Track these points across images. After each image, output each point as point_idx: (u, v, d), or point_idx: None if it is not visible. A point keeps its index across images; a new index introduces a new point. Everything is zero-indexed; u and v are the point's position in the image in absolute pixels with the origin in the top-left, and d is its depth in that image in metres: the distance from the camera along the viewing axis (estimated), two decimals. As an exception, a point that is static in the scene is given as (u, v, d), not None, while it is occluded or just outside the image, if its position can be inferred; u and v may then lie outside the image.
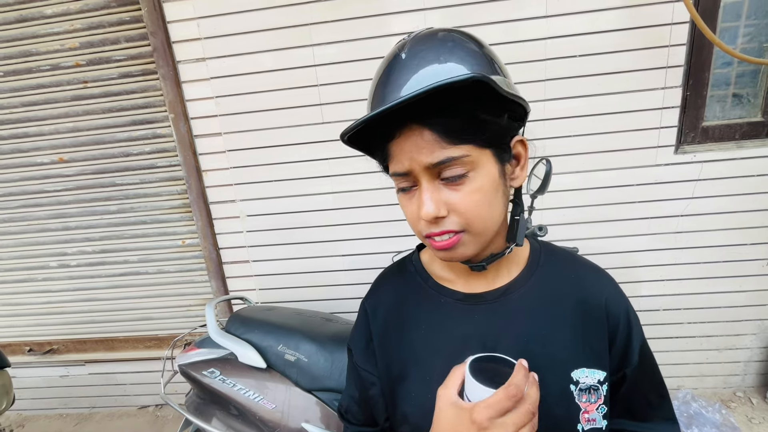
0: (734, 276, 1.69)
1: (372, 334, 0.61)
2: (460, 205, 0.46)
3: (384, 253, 1.76)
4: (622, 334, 0.54)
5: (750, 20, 1.51)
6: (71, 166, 1.84)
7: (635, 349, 0.55)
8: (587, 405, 0.52)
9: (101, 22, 1.65)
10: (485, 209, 0.48)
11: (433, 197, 0.46)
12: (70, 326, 2.10)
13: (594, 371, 0.52)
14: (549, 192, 1.21)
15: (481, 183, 0.47)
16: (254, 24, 1.56)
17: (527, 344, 0.52)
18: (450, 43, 0.46)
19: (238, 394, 1.21)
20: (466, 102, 0.44)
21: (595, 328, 0.54)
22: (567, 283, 0.56)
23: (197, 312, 2.00)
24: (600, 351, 0.53)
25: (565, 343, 0.53)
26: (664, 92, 1.51)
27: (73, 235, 1.93)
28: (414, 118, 0.44)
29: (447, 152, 0.44)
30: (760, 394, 1.83)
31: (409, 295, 0.60)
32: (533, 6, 1.46)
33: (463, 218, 0.47)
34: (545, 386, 0.49)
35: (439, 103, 0.43)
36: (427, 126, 0.44)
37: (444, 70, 0.44)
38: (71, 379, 2.18)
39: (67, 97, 1.75)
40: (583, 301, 0.54)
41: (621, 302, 0.56)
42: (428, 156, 0.44)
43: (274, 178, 1.72)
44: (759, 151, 1.55)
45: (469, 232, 0.48)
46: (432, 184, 0.46)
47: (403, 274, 0.64)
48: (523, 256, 0.59)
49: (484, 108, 0.45)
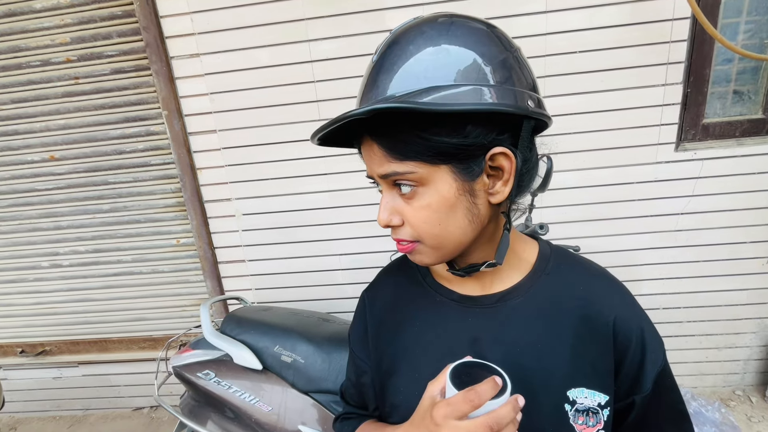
0: (734, 274, 1.69)
1: (368, 325, 0.61)
2: (410, 218, 0.47)
3: (382, 251, 1.74)
4: (634, 358, 0.49)
5: (751, 16, 1.49)
6: (62, 164, 1.80)
7: (649, 375, 0.49)
8: (583, 428, 0.48)
9: (92, 16, 1.61)
10: (434, 227, 0.46)
11: (387, 206, 0.48)
12: (62, 327, 2.07)
13: (594, 393, 0.49)
14: (549, 190, 1.20)
15: (429, 200, 0.45)
16: (249, 19, 1.53)
17: (519, 356, 0.50)
18: (421, 44, 0.43)
19: (234, 396, 1.19)
20: (407, 122, 0.42)
21: (600, 346, 0.49)
22: (574, 295, 0.52)
23: (192, 312, 1.98)
24: (603, 372, 0.49)
25: (563, 359, 0.49)
26: (665, 89, 1.50)
27: (65, 235, 1.90)
28: (368, 131, 0.46)
29: (393, 167, 0.44)
30: (759, 393, 1.83)
31: (407, 290, 0.60)
32: (533, 1, 1.44)
33: (415, 231, 0.47)
34: (536, 402, 0.47)
35: (384, 119, 0.43)
36: (375, 141, 0.45)
37: (409, 77, 0.42)
38: (64, 380, 2.14)
39: (58, 94, 1.71)
40: (588, 316, 0.50)
41: (635, 321, 0.51)
42: (378, 167, 0.46)
43: (270, 176, 1.70)
44: (760, 148, 1.54)
45: (424, 244, 0.48)
46: (390, 192, 0.48)
47: (404, 269, 0.63)
48: (529, 262, 0.55)
49: (430, 126, 0.42)
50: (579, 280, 0.53)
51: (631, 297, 0.54)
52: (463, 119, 0.42)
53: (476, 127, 0.42)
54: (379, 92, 0.44)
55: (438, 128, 0.42)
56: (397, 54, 0.44)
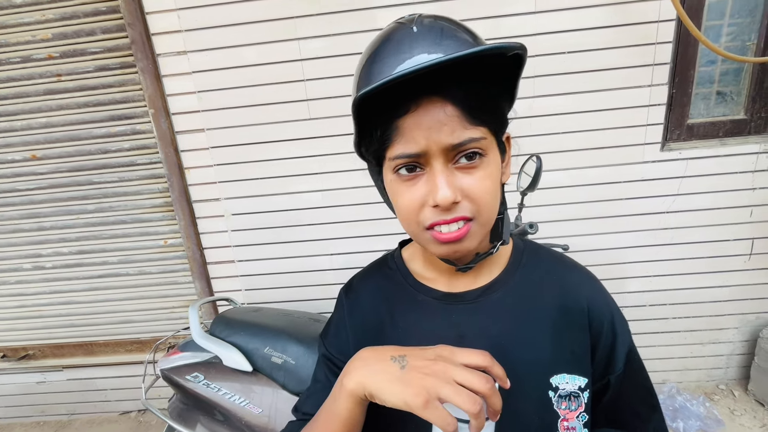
0: (718, 271, 1.73)
1: (348, 329, 0.58)
2: (474, 190, 0.43)
3: (374, 251, 1.74)
4: (606, 340, 0.52)
5: (734, 19, 1.53)
6: (45, 164, 1.75)
7: (620, 355, 0.53)
8: (566, 412, 0.50)
9: (75, 12, 1.57)
10: (493, 197, 0.46)
11: (448, 181, 0.42)
12: (46, 330, 2.02)
13: (575, 377, 0.50)
14: (538, 189, 1.21)
15: (491, 170, 0.45)
16: (237, 16, 1.51)
17: (504, 348, 0.50)
18: (459, 26, 0.45)
19: (223, 398, 1.17)
20: (488, 80, 0.42)
21: (577, 332, 0.52)
22: (549, 285, 0.54)
23: (181, 314, 1.95)
24: (581, 356, 0.51)
25: (544, 347, 0.51)
26: (651, 90, 1.52)
27: (48, 236, 1.85)
28: (433, 90, 0.41)
29: (469, 132, 0.42)
30: (741, 387, 1.87)
31: (388, 293, 0.58)
32: (521, 2, 1.45)
33: (475, 205, 0.44)
34: (522, 392, 0.47)
35: (461, 76, 0.40)
36: (450, 99, 0.41)
37: (465, 45, 0.42)
38: (48, 385, 2.09)
39: (40, 91, 1.67)
40: (564, 304, 0.52)
41: (605, 306, 0.54)
42: (449, 136, 0.41)
43: (259, 175, 1.68)
44: (742, 148, 1.58)
45: (477, 221, 0.45)
46: (444, 168, 0.43)
47: (383, 271, 0.61)
48: (505, 256, 0.57)
49: (502, 90, 0.45)
50: (552, 271, 0.56)
51: (600, 284, 0.57)
52: (514, 87, 0.45)
53: (512, 103, 0.47)
54: (446, 50, 0.41)
55: (502, 94, 0.45)
56: (447, 23, 0.44)
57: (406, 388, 0.39)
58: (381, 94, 0.38)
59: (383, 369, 0.42)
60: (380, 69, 0.43)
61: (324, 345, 0.61)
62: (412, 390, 0.38)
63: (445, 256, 0.49)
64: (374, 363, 0.43)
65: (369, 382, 0.42)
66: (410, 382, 0.39)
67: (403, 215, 0.47)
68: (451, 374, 0.39)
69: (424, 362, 0.41)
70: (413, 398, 0.38)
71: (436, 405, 0.37)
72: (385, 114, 0.43)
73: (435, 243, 0.47)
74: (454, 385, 0.38)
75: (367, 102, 0.39)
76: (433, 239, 0.46)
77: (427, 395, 0.38)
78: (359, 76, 0.47)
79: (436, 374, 0.39)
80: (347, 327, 0.58)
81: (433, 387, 0.38)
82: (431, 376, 0.39)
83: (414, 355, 0.42)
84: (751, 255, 1.70)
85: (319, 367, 0.61)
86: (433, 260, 0.56)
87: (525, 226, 1.15)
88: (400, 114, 0.42)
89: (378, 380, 0.41)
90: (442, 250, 0.47)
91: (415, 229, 0.47)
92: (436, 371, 0.39)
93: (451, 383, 0.38)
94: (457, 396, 0.37)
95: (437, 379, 0.38)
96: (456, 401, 0.37)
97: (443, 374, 0.39)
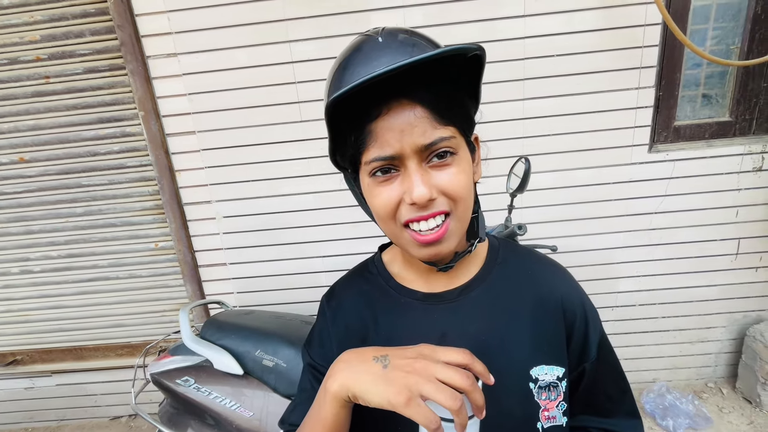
0: (705, 271, 1.75)
1: (331, 335, 0.59)
2: (448, 185, 0.45)
3: (366, 253, 1.73)
4: (579, 329, 0.54)
5: (718, 23, 1.56)
6: (33, 167, 1.73)
7: (593, 343, 0.55)
8: (547, 402, 0.51)
9: (63, 14, 1.56)
10: (467, 192, 0.47)
11: (423, 180, 0.44)
12: (34, 335, 1.99)
13: (553, 368, 0.52)
14: (528, 190, 1.22)
15: (464, 166, 0.47)
16: (228, 19, 1.50)
17: (485, 344, 0.52)
18: (421, 36, 0.47)
19: (214, 402, 1.17)
20: (452, 82, 0.45)
21: (552, 324, 0.54)
22: (524, 280, 0.56)
23: (171, 318, 1.93)
24: (558, 347, 0.53)
25: (523, 340, 0.52)
26: (638, 92, 1.54)
27: (36, 239, 1.83)
28: (402, 94, 0.43)
29: (438, 132, 0.44)
30: (729, 385, 1.90)
31: (370, 297, 0.59)
32: (511, 5, 1.46)
33: (451, 199, 0.46)
34: (504, 386, 0.49)
35: (427, 79, 0.42)
36: (419, 102, 0.43)
37: (428, 50, 0.43)
38: (37, 391, 2.06)
39: (28, 93, 1.65)
40: (539, 298, 0.54)
41: (577, 297, 0.56)
42: (420, 136, 0.43)
43: (251, 177, 1.67)
44: (727, 149, 1.60)
45: (455, 215, 0.47)
46: (418, 168, 0.44)
47: (364, 276, 0.62)
48: (482, 254, 0.58)
49: (466, 91, 0.47)
50: (527, 266, 0.58)
51: (571, 276, 0.59)
52: (477, 88, 0.47)
53: (477, 103, 0.49)
54: (410, 55, 0.41)
55: (467, 94, 0.47)
56: (409, 34, 0.46)
57: (389, 387, 0.39)
58: (352, 100, 0.40)
59: (366, 369, 0.42)
60: (350, 77, 0.44)
61: (308, 354, 0.60)
62: (395, 389, 0.39)
63: (428, 259, 0.50)
64: (357, 364, 0.44)
65: (352, 383, 0.42)
66: (393, 381, 0.40)
67: (380, 215, 0.48)
68: (432, 372, 0.39)
69: (406, 361, 0.41)
70: (395, 396, 0.38)
71: (418, 402, 0.38)
72: (357, 119, 0.44)
73: (416, 246, 0.48)
74: (435, 382, 0.38)
75: (339, 108, 0.41)
76: (412, 240, 0.47)
77: (409, 393, 0.38)
78: (330, 85, 0.48)
79: (418, 372, 0.39)
80: (331, 335, 0.59)
81: (415, 385, 0.38)
82: (413, 374, 0.39)
83: (396, 354, 0.43)
84: (737, 255, 1.73)
85: (305, 377, 0.61)
86: (412, 262, 0.57)
87: (514, 227, 1.16)
88: (372, 118, 0.44)
89: (361, 381, 0.42)
90: (423, 253, 0.48)
91: (393, 228, 0.48)
92: (417, 369, 0.40)
93: (433, 381, 0.38)
94: (438, 393, 0.37)
95: (419, 376, 0.39)
96: (437, 398, 0.37)
97: (425, 372, 0.39)
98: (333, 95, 0.39)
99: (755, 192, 1.64)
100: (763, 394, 1.73)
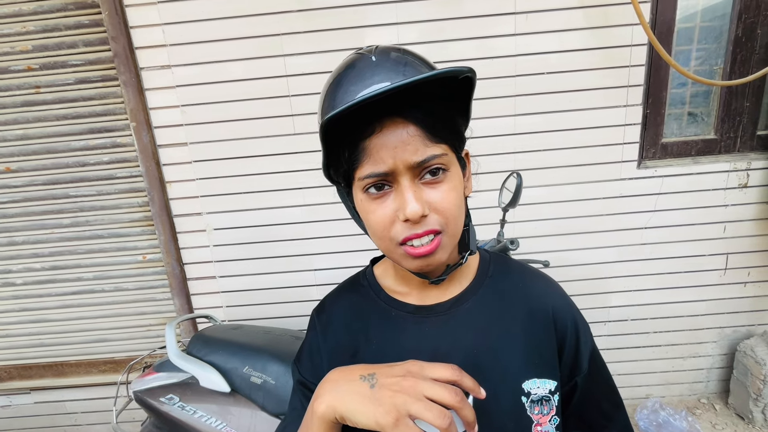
0: (695, 286, 1.77)
1: (321, 350, 0.58)
2: (441, 203, 0.46)
3: (358, 266, 1.72)
4: (570, 342, 0.54)
5: (701, 44, 1.61)
6: (19, 176, 1.70)
7: (584, 356, 0.55)
8: (539, 417, 0.51)
9: (57, 24, 1.56)
10: (459, 209, 0.48)
11: (416, 196, 0.45)
12: (13, 351, 1.92)
13: (545, 381, 0.52)
14: (520, 205, 1.22)
15: (455, 183, 0.47)
16: (223, 32, 1.51)
17: (477, 357, 0.51)
18: (413, 54, 0.48)
19: (199, 421, 1.13)
20: (443, 101, 0.46)
21: (544, 337, 0.54)
22: (515, 293, 0.56)
23: (158, 332, 1.88)
24: (550, 359, 0.53)
25: (515, 354, 0.52)
26: (626, 110, 1.58)
27: (20, 251, 1.78)
28: (395, 112, 0.44)
29: (431, 150, 0.44)
30: (722, 400, 1.90)
31: (361, 311, 0.58)
32: (503, 24, 1.50)
33: (443, 217, 0.46)
34: (497, 400, 0.48)
35: (419, 99, 0.43)
36: (411, 120, 0.44)
37: (420, 71, 0.45)
38: (14, 409, 1.98)
39: (17, 103, 1.63)
40: (531, 311, 0.54)
41: (568, 310, 0.56)
42: (413, 154, 0.44)
43: (242, 190, 1.66)
44: (713, 166, 1.64)
45: (446, 233, 0.47)
46: (411, 184, 0.45)
47: (356, 289, 0.62)
48: (473, 267, 0.59)
49: (457, 109, 0.48)
50: (518, 279, 0.58)
51: (562, 289, 0.59)
52: (467, 106, 0.49)
53: (467, 121, 0.51)
54: (404, 76, 0.44)
55: (459, 114, 0.49)
56: (402, 53, 0.47)
57: (377, 408, 0.38)
58: (347, 118, 0.41)
59: (353, 389, 0.41)
60: (344, 95, 0.45)
61: (298, 371, 0.59)
62: (383, 408, 0.38)
63: (419, 270, 0.50)
64: (344, 384, 0.43)
65: (339, 404, 0.41)
66: (380, 401, 0.39)
67: (375, 232, 0.49)
68: (420, 389, 0.38)
69: (394, 379, 0.40)
70: (384, 417, 0.38)
71: (407, 422, 0.37)
72: (351, 136, 0.45)
73: (408, 258, 0.48)
74: (423, 400, 0.38)
75: (333, 125, 0.41)
76: (406, 254, 0.48)
77: (397, 413, 0.37)
78: (324, 103, 0.49)
79: (406, 391, 0.39)
80: (321, 349, 0.58)
81: (403, 404, 0.38)
82: (401, 392, 0.39)
83: (383, 372, 0.42)
84: (726, 270, 1.75)
85: (295, 395, 0.59)
86: (404, 275, 0.56)
87: (506, 242, 1.16)
88: (366, 135, 0.44)
89: (348, 401, 0.41)
90: (415, 264, 0.48)
91: (388, 245, 0.49)
92: (405, 388, 0.39)
93: (421, 399, 0.38)
94: (426, 411, 0.37)
95: (407, 395, 0.38)
96: (426, 417, 0.37)
97: (413, 390, 0.38)
98: (328, 114, 0.40)
99: (742, 208, 1.67)
100: (756, 410, 1.73)
